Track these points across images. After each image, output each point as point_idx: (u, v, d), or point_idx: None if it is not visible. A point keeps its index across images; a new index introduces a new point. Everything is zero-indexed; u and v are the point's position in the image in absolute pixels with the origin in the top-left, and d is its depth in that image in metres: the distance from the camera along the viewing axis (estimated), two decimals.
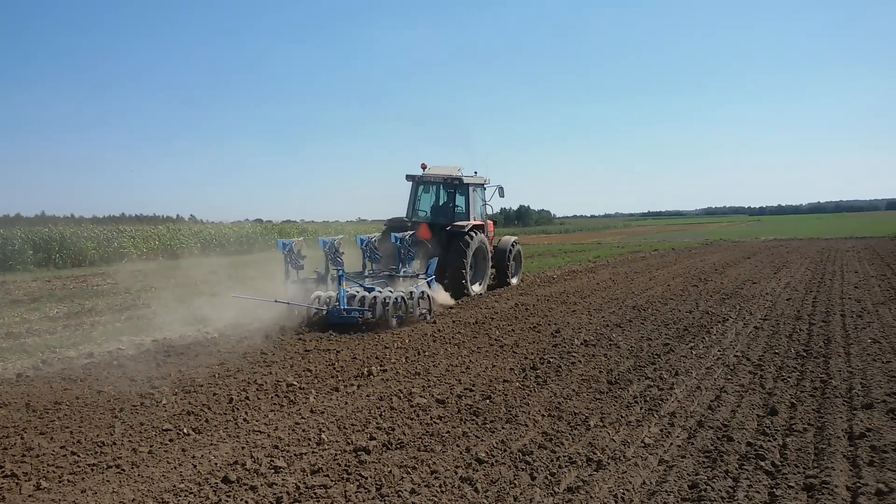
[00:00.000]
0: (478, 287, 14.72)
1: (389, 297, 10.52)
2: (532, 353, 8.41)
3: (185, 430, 5.59)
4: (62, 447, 5.24)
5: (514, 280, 16.71)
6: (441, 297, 12.71)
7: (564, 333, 9.70)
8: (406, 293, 10.91)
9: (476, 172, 15.41)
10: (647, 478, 4.52)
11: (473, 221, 14.51)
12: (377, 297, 10.50)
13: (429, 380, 7.17)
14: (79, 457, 5.04)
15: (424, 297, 11.26)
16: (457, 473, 4.60)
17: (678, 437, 5.29)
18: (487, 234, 15.49)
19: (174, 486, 4.46)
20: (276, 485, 4.45)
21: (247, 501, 4.22)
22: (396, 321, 10.52)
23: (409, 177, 15.11)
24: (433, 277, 12.62)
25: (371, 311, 10.36)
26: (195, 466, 4.82)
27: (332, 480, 4.51)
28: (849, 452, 4.86)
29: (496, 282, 16.32)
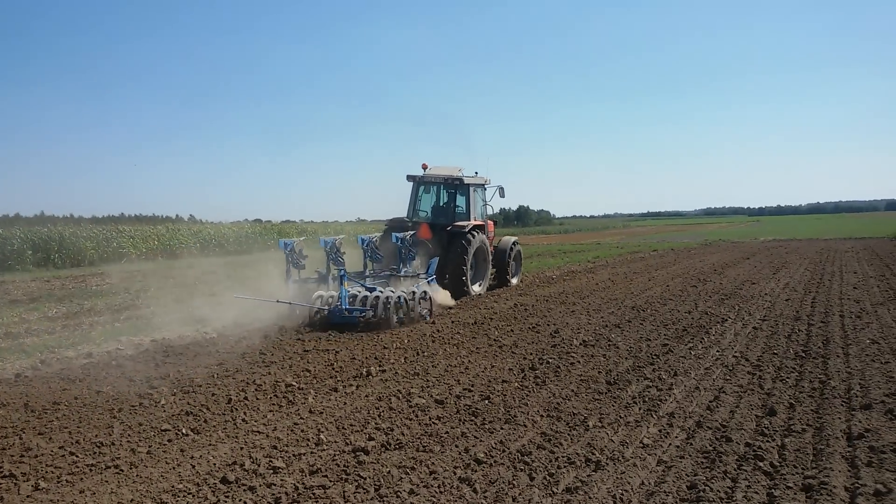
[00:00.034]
0: (478, 287, 14.73)
1: (391, 297, 10.53)
2: (531, 354, 8.41)
3: (184, 431, 5.59)
4: (61, 447, 5.23)
5: (515, 280, 16.72)
6: (441, 297, 12.69)
7: (563, 334, 9.70)
8: (407, 293, 10.92)
9: (476, 173, 15.42)
10: (646, 478, 4.52)
11: (474, 222, 14.52)
12: (379, 297, 10.51)
13: (428, 380, 7.17)
14: (77, 457, 5.04)
15: (425, 297, 11.27)
16: (455, 474, 4.60)
17: (677, 438, 5.29)
18: (488, 235, 15.50)
19: (173, 487, 4.46)
20: (275, 485, 4.45)
21: (245, 502, 4.22)
22: (398, 321, 10.52)
23: (410, 177, 15.13)
24: (434, 277, 12.64)
25: (373, 311, 10.37)
26: (194, 467, 4.81)
27: (331, 481, 4.51)
28: (847, 453, 4.86)
29: (496, 282, 16.32)
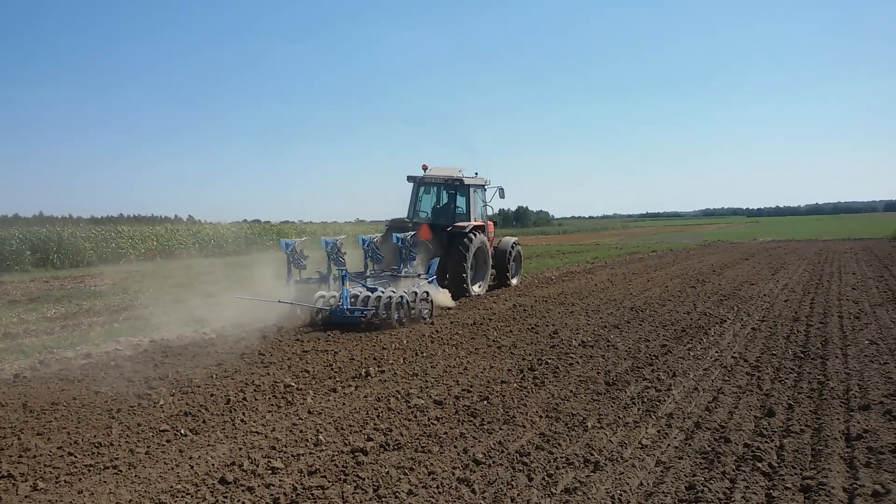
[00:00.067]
0: (478, 287, 14.76)
1: (392, 297, 10.56)
2: (530, 355, 8.41)
3: (183, 431, 5.58)
4: (59, 448, 5.23)
5: (515, 281, 16.75)
6: (442, 298, 12.74)
7: (562, 334, 9.70)
8: (409, 293, 10.97)
9: (477, 174, 15.45)
10: (645, 479, 4.53)
11: (474, 222, 14.56)
12: (380, 298, 10.54)
13: (426, 381, 7.17)
14: (76, 457, 5.03)
15: (426, 298, 11.32)
16: (454, 474, 4.60)
17: (675, 439, 5.29)
18: (488, 235, 15.54)
19: (171, 487, 4.46)
20: (274, 486, 4.45)
21: (244, 502, 4.22)
22: (399, 321, 10.55)
23: (411, 178, 15.18)
24: (434, 278, 12.67)
25: (374, 311, 10.40)
26: (192, 467, 4.81)
27: (330, 481, 4.51)
28: (846, 454, 4.87)
29: (496, 282, 16.36)
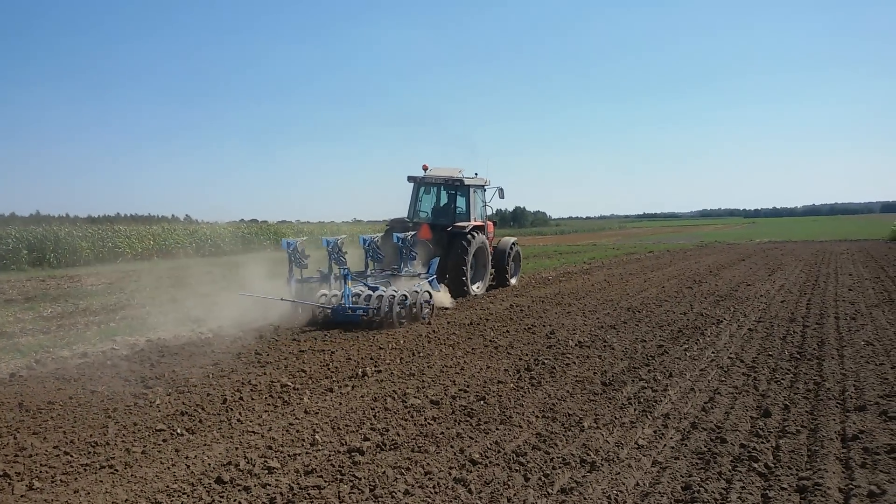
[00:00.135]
0: (478, 287, 14.81)
1: (394, 297, 10.62)
2: (526, 355, 8.41)
3: (179, 431, 5.57)
4: (55, 447, 5.22)
5: (514, 280, 16.83)
6: (442, 297, 12.82)
7: (559, 335, 9.71)
8: (409, 292, 11.05)
9: (476, 174, 15.51)
10: (641, 479, 4.53)
11: (474, 222, 14.61)
12: (382, 296, 10.59)
13: (423, 381, 7.17)
14: (72, 457, 5.02)
15: (427, 297, 11.43)
16: (450, 474, 4.60)
17: (672, 439, 5.30)
18: (487, 235, 15.59)
19: (167, 487, 4.45)
20: (270, 485, 4.44)
21: (240, 502, 4.21)
22: (400, 320, 10.60)
23: (411, 178, 15.24)
24: (434, 277, 12.74)
25: (376, 310, 10.44)
26: (188, 467, 4.80)
27: (326, 481, 4.51)
28: (841, 454, 4.88)
29: (495, 282, 16.40)
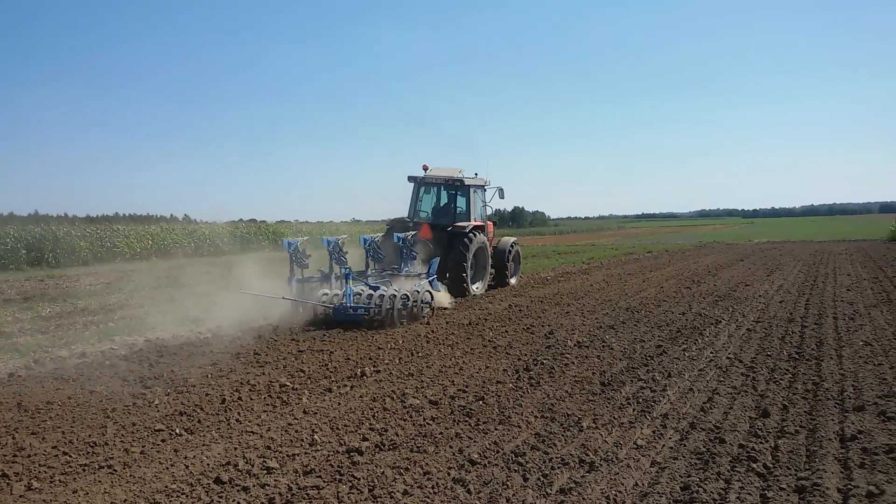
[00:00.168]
0: (478, 287, 14.83)
1: (395, 296, 10.66)
2: (525, 355, 8.42)
3: (178, 431, 5.57)
4: (54, 447, 5.21)
5: (513, 280, 16.87)
6: (442, 297, 12.88)
7: (558, 335, 9.71)
8: (411, 292, 11.09)
9: (477, 174, 15.54)
10: (640, 479, 4.53)
11: (474, 222, 14.64)
12: (383, 296, 10.62)
13: (422, 381, 7.17)
14: (70, 457, 5.02)
15: (427, 297, 11.48)
16: (449, 474, 4.61)
17: (670, 439, 5.30)
18: (487, 235, 15.62)
19: (166, 487, 4.45)
20: (269, 485, 4.44)
21: (239, 502, 4.21)
22: (401, 319, 10.63)
23: (412, 178, 15.26)
24: (435, 277, 12.78)
25: (377, 309, 10.47)
26: (187, 467, 4.80)
27: (325, 481, 4.51)
28: (840, 454, 4.88)
29: (495, 282, 16.42)
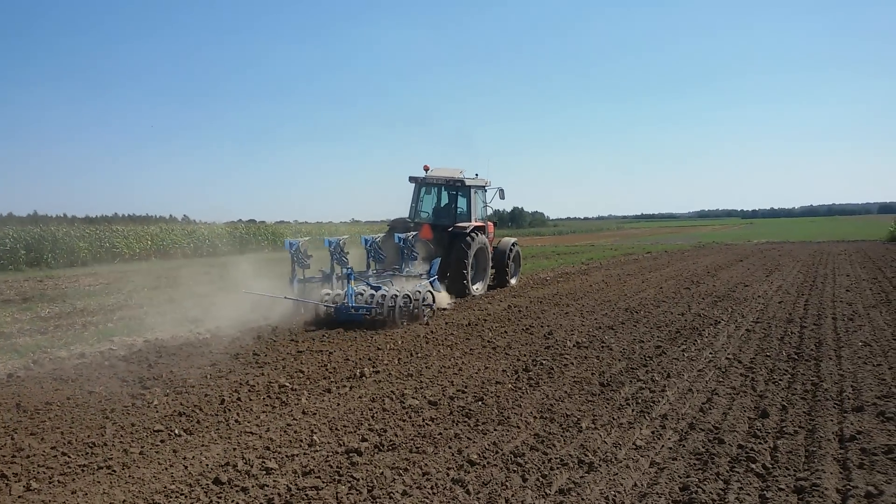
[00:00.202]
0: (478, 287, 14.85)
1: (397, 296, 10.69)
2: (524, 355, 8.42)
3: (177, 431, 5.57)
4: (53, 448, 5.21)
5: (514, 281, 16.91)
6: (443, 297, 12.92)
7: (557, 335, 9.71)
8: (412, 292, 11.12)
9: (477, 174, 15.56)
10: (639, 480, 4.53)
11: (475, 223, 14.66)
12: (385, 296, 10.65)
13: (421, 381, 7.16)
14: (69, 457, 5.01)
15: (429, 297, 11.52)
16: (448, 475, 4.60)
17: (669, 440, 5.30)
18: (488, 236, 15.64)
19: (165, 488, 4.44)
20: (268, 486, 4.44)
21: (238, 503, 4.21)
22: (403, 319, 10.66)
23: (412, 178, 15.27)
24: (436, 277, 12.81)
25: (378, 309, 10.50)
26: (186, 467, 4.80)
27: (324, 482, 4.51)
28: (839, 455, 4.88)
29: (495, 282, 16.44)
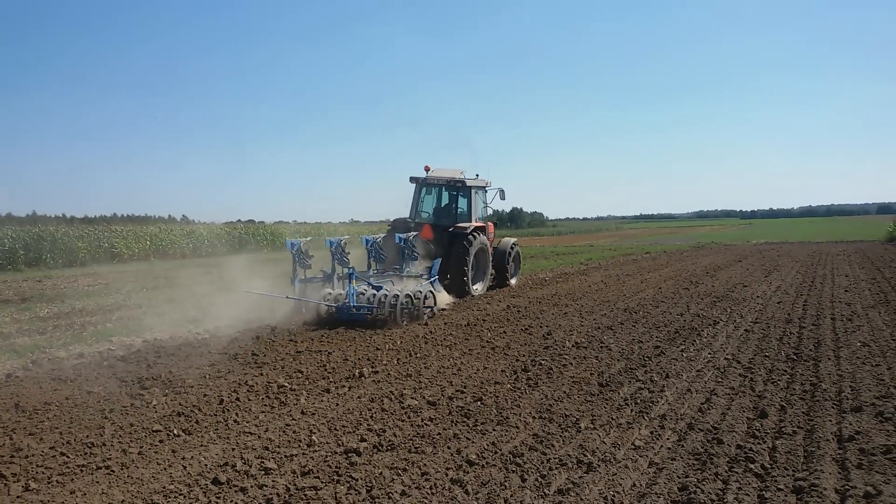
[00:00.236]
0: (478, 287, 14.87)
1: (398, 296, 10.72)
2: (523, 356, 8.42)
3: (176, 432, 5.56)
4: (51, 448, 5.20)
5: (514, 281, 16.94)
6: (443, 297, 12.95)
7: (556, 336, 9.72)
8: (413, 291, 11.16)
9: (478, 175, 15.59)
10: (638, 480, 4.54)
11: (475, 223, 14.68)
12: (386, 295, 10.68)
13: (420, 381, 7.16)
14: (68, 458, 5.01)
15: (430, 297, 11.57)
16: (447, 475, 4.60)
17: (668, 440, 5.31)
18: (488, 236, 15.66)
19: (164, 488, 4.44)
20: (267, 486, 4.44)
21: (237, 503, 4.21)
22: (404, 319, 10.68)
23: (413, 178, 15.29)
24: (436, 278, 12.83)
25: (380, 309, 10.53)
26: (185, 468, 4.79)
27: (323, 482, 4.51)
28: (838, 455, 4.89)
29: (495, 282, 16.46)
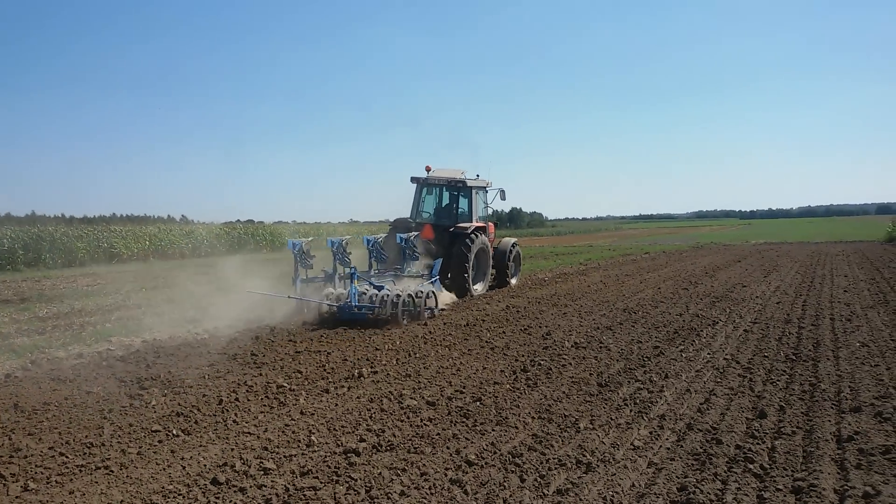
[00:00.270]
0: (479, 287, 14.89)
1: (399, 296, 10.75)
2: (523, 356, 8.42)
3: (175, 432, 5.56)
4: (50, 448, 5.20)
5: (514, 281, 16.97)
6: (444, 297, 13.00)
7: (555, 336, 9.72)
8: (414, 291, 11.19)
9: (478, 175, 15.62)
10: (637, 480, 4.54)
11: (476, 223, 14.70)
12: (388, 295, 10.69)
13: (419, 382, 7.16)
14: (67, 458, 5.01)
15: (430, 296, 11.61)
16: (446, 475, 4.60)
17: (667, 440, 5.31)
18: (488, 236, 15.68)
19: (163, 488, 4.44)
20: (266, 486, 4.44)
21: (236, 503, 4.21)
22: (406, 319, 10.70)
23: (414, 179, 15.31)
24: (437, 278, 12.85)
25: (382, 308, 10.54)
26: (184, 468, 4.79)
27: (322, 482, 4.50)
28: (837, 455, 4.89)
29: (496, 282, 16.48)
